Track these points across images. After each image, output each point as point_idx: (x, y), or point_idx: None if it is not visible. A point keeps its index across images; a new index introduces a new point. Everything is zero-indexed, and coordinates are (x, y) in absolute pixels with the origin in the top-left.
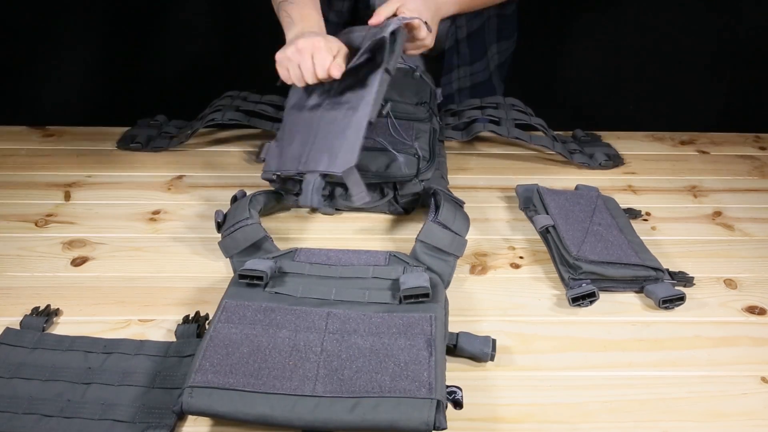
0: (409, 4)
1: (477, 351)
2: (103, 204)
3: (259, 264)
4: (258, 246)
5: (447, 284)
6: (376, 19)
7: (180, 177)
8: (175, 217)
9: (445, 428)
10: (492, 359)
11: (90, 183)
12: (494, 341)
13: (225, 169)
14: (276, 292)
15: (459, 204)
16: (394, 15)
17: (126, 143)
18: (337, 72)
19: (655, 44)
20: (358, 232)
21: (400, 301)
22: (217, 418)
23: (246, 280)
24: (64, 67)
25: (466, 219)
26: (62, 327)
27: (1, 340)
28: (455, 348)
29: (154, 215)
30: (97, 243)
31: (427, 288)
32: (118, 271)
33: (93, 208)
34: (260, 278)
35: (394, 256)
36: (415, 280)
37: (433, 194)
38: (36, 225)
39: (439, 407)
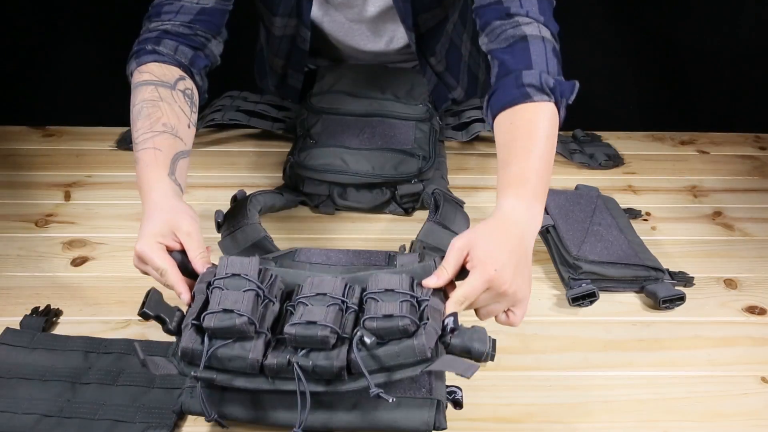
0: (478, 247)
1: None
2: (103, 204)
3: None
4: (258, 246)
5: None
6: (435, 281)
7: None
8: None
9: (445, 428)
10: (492, 359)
11: (90, 183)
12: (494, 341)
13: (225, 169)
14: None
15: (459, 204)
16: (462, 271)
17: (126, 143)
18: (187, 296)
19: (655, 44)
20: (358, 232)
21: None
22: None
23: None
24: (64, 67)
25: (466, 219)
26: (62, 327)
27: (1, 340)
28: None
29: None
30: (97, 243)
31: None
32: (118, 271)
33: (93, 208)
34: None
35: (395, 255)
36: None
37: (433, 194)
38: (36, 225)
39: (439, 407)
